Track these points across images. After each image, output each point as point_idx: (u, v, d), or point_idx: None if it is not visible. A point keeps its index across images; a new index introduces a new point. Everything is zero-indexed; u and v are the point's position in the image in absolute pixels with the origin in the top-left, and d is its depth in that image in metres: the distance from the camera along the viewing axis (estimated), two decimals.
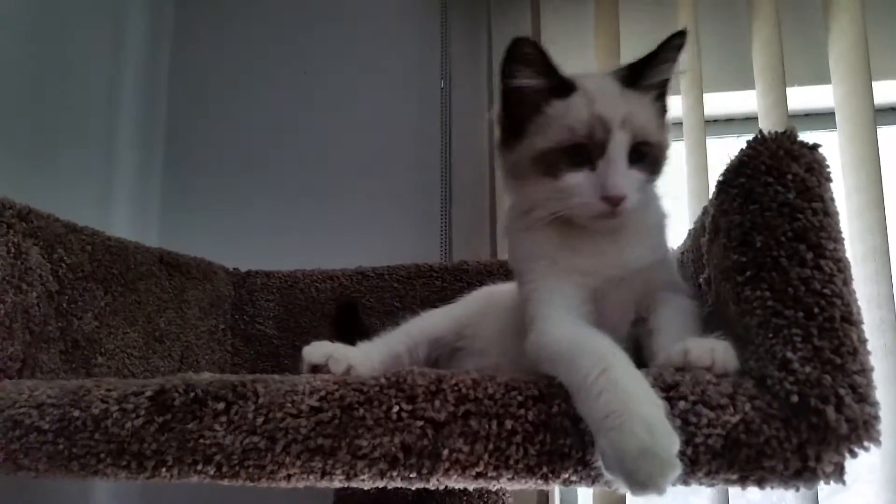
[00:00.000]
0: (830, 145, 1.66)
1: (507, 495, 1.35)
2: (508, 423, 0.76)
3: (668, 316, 0.95)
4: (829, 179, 0.82)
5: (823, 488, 1.58)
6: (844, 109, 1.73)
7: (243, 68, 2.17)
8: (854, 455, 0.69)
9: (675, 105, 1.79)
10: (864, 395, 0.69)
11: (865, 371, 0.71)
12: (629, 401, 0.68)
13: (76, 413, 0.85)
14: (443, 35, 1.99)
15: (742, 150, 0.87)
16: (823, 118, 1.88)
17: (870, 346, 0.73)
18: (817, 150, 0.83)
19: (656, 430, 0.66)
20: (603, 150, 0.94)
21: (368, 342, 1.21)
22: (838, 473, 0.71)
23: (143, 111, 2.10)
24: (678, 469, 0.66)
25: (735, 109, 1.96)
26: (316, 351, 1.04)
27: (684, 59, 1.00)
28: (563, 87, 0.99)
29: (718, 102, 1.90)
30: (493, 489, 1.31)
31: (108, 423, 0.84)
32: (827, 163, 0.83)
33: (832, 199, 0.80)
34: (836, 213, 0.80)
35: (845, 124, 1.72)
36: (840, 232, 0.79)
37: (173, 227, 2.09)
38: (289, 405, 0.81)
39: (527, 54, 0.96)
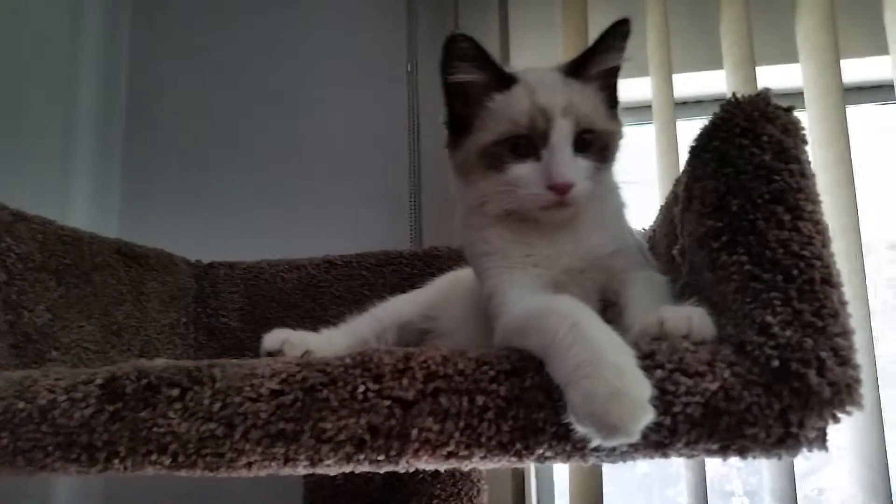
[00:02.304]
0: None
1: (482, 482, 1.31)
2: (480, 399, 0.72)
3: (637, 291, 0.93)
4: (804, 142, 0.80)
5: (799, 466, 1.58)
6: (813, 88, 1.72)
7: (204, 55, 2.10)
8: (836, 420, 0.67)
9: (644, 86, 1.78)
10: (846, 358, 0.67)
11: (847, 333, 0.69)
12: (599, 350, 0.66)
13: (21, 405, 0.80)
14: (409, 17, 1.94)
15: (715, 113, 0.84)
16: (792, 97, 1.87)
17: None
18: (792, 113, 0.81)
19: (626, 374, 0.64)
20: (546, 140, 0.94)
21: (333, 328, 1.17)
22: (821, 440, 0.68)
23: (101, 102, 2.02)
24: (650, 414, 0.63)
25: (705, 91, 1.94)
26: (273, 337, 1.02)
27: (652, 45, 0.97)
28: (504, 80, 0.99)
29: (688, 84, 1.88)
30: (468, 476, 1.28)
31: (56, 413, 0.79)
32: (802, 125, 0.81)
33: (808, 162, 0.79)
34: (813, 176, 0.78)
35: (814, 103, 1.71)
36: (818, 194, 0.77)
37: (134, 219, 2.01)
38: (247, 389, 0.77)
39: (463, 49, 0.96)
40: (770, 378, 0.68)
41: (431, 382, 0.74)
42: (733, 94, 0.84)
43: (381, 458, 0.74)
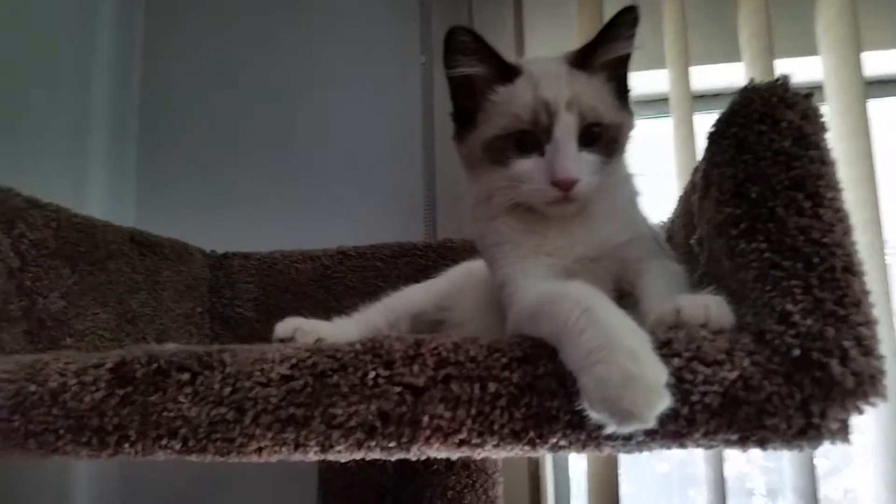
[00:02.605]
0: None
1: (497, 474, 1.30)
2: (492, 387, 0.71)
3: (652, 280, 0.91)
4: (824, 129, 0.78)
5: (823, 465, 1.55)
6: (833, 81, 1.69)
7: (218, 48, 2.10)
8: (860, 411, 0.65)
9: (660, 79, 1.76)
10: (869, 348, 0.65)
11: (870, 323, 0.67)
12: (612, 335, 0.64)
13: (32, 388, 0.80)
14: (422, 10, 1.93)
15: (734, 99, 0.83)
16: (813, 91, 1.84)
17: None
18: (811, 99, 0.80)
19: (641, 358, 0.63)
20: (550, 135, 0.93)
21: (346, 317, 1.16)
22: (844, 432, 0.67)
23: (116, 97, 2.02)
24: (666, 400, 0.62)
25: (723, 83, 1.92)
26: (285, 325, 1.02)
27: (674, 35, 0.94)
28: (507, 72, 0.97)
29: (706, 76, 1.85)
30: (483, 467, 1.27)
31: (67, 396, 0.79)
32: (821, 112, 0.79)
33: (829, 149, 0.77)
34: (834, 163, 0.76)
35: (835, 96, 1.68)
36: (838, 181, 0.75)
37: (150, 210, 2.02)
38: (258, 374, 0.76)
39: (463, 42, 0.95)
40: (791, 367, 0.66)
41: (442, 369, 0.73)
42: (751, 80, 0.83)
43: (392, 444, 0.74)
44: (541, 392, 0.70)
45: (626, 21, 0.96)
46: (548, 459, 1.76)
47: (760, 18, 1.70)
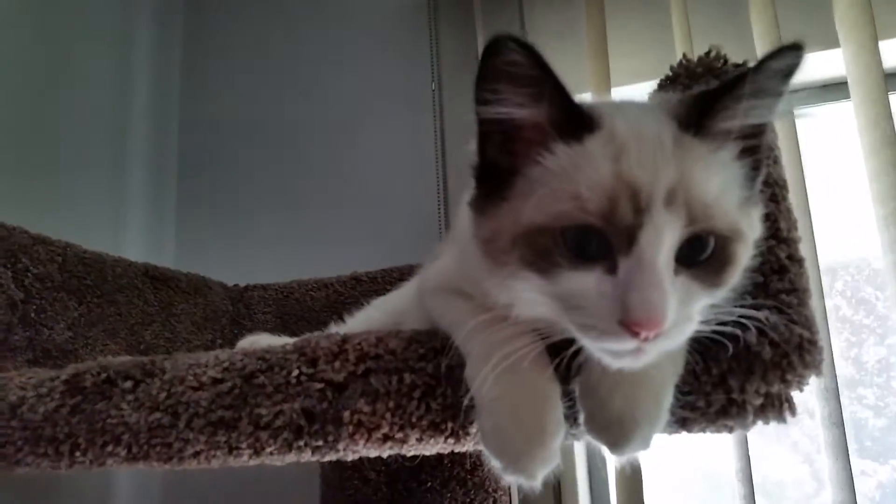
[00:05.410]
0: None
1: (499, 492, 1.26)
2: (408, 378, 0.70)
3: None
4: None
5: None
6: None
7: (245, 87, 2.21)
8: (788, 384, 0.61)
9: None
10: (793, 317, 0.61)
11: (798, 291, 0.63)
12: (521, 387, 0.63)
13: None
14: (431, 37, 1.97)
15: None
16: None
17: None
18: None
19: (544, 423, 0.62)
20: (632, 242, 0.57)
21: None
22: (774, 408, 0.62)
23: (153, 138, 2.14)
24: (557, 460, 0.61)
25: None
26: (243, 341, 1.02)
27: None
28: (576, 122, 0.62)
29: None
30: (481, 484, 1.23)
31: (24, 409, 0.82)
32: None
33: None
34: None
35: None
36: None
37: (187, 247, 2.12)
38: (190, 378, 0.78)
39: (514, 63, 0.59)
40: (705, 340, 0.62)
41: (363, 363, 0.72)
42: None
43: (319, 443, 0.73)
44: (456, 382, 0.69)
45: (780, 69, 0.60)
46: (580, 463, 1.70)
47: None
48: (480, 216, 0.66)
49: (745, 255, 0.62)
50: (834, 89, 1.84)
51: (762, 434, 1.68)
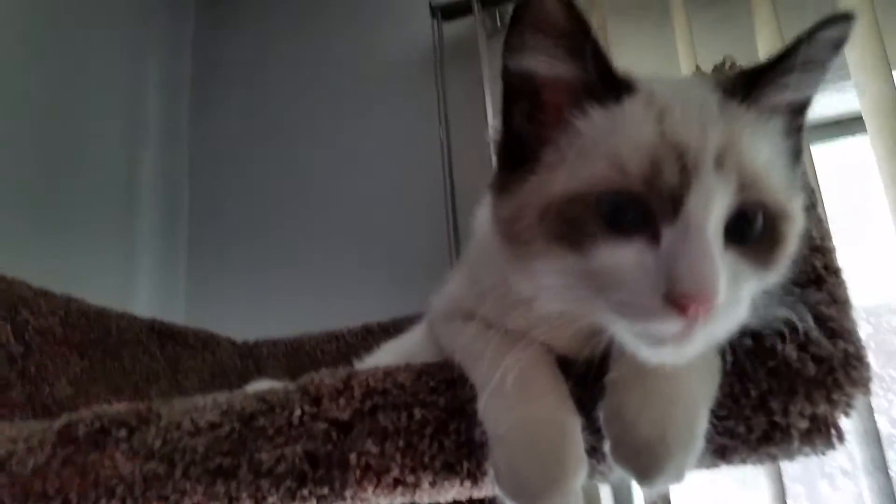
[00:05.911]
0: None
1: None
2: (418, 413, 0.65)
3: None
4: None
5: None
6: None
7: (253, 143, 2.23)
8: (834, 404, 0.55)
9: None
10: (835, 330, 0.55)
11: (837, 303, 0.58)
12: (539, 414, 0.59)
13: None
14: (437, 84, 1.97)
15: None
16: None
17: None
18: None
19: (564, 455, 0.57)
20: (678, 207, 0.52)
21: None
22: (821, 431, 0.56)
23: (163, 192, 2.15)
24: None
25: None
26: (249, 387, 0.97)
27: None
28: (611, 85, 0.57)
29: None
30: None
31: (13, 462, 0.77)
32: None
33: None
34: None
35: None
36: None
37: (197, 300, 2.10)
38: (187, 423, 0.72)
39: (546, 14, 0.55)
40: (742, 359, 0.57)
41: (369, 400, 0.67)
42: None
43: (325, 491, 0.67)
44: (470, 417, 0.63)
45: (829, 39, 0.57)
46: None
47: None
48: (503, 195, 0.60)
49: (794, 239, 0.57)
50: (849, 124, 1.81)
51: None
